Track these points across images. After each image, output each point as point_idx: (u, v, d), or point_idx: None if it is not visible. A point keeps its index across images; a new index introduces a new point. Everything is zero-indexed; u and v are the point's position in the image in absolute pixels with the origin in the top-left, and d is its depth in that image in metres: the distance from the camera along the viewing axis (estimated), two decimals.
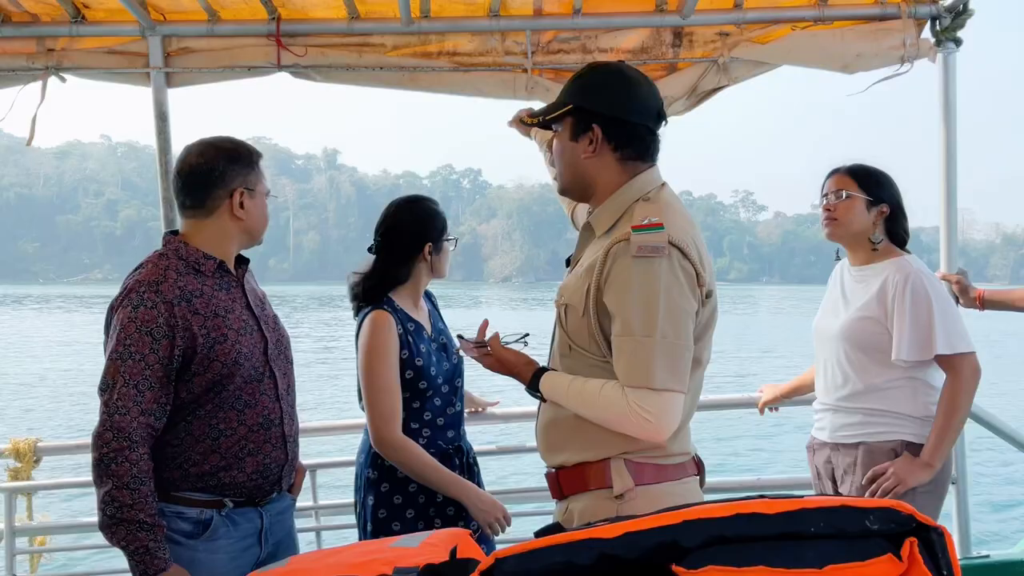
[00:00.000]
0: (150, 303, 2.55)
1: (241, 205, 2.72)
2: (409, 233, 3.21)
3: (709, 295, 2.34)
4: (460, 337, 2.71)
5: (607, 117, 2.39)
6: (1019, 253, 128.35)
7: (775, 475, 4.40)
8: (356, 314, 3.25)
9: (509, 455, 4.30)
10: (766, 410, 4.01)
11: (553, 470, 2.47)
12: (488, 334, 2.65)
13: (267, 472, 2.73)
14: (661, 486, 2.33)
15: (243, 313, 2.74)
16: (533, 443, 4.15)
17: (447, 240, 3.28)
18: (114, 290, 2.69)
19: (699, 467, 2.47)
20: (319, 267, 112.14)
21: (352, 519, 3.72)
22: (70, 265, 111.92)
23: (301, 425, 2.96)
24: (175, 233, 2.76)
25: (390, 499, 3.13)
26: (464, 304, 60.42)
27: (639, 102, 2.41)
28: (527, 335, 2.62)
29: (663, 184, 2.45)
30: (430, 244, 3.21)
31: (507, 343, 2.60)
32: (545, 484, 2.54)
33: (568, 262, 2.62)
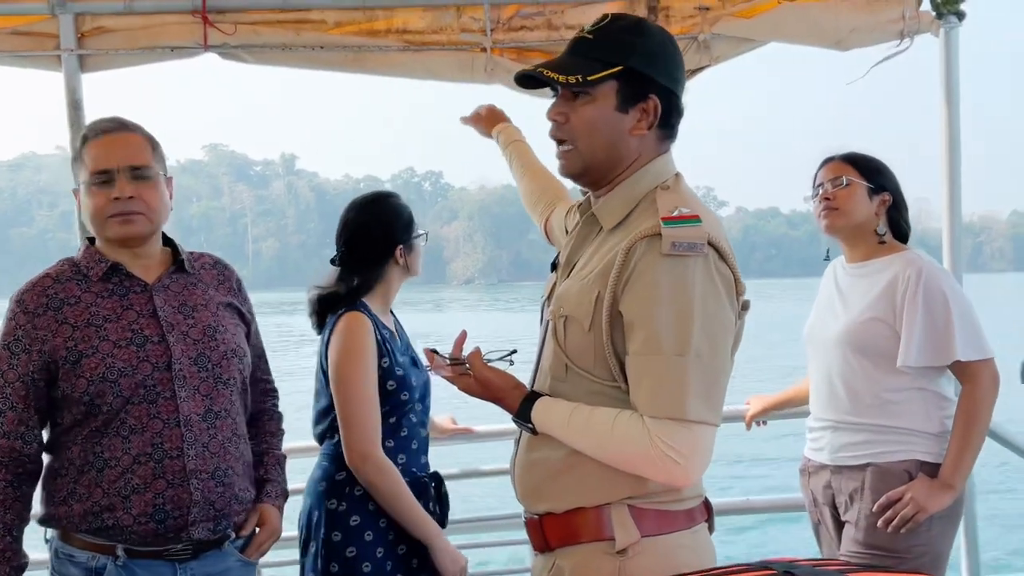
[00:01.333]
0: (11, 315, 2.33)
1: (80, 206, 2.43)
2: (377, 237, 2.87)
3: (745, 307, 1.96)
4: (434, 352, 2.24)
5: (663, 88, 1.98)
6: (976, 241, 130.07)
7: (767, 495, 4.04)
8: (319, 329, 2.89)
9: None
10: (754, 424, 3.65)
11: (536, 517, 2.05)
12: (466, 348, 2.20)
13: (162, 515, 2.28)
14: (670, 536, 1.94)
15: (137, 322, 2.34)
16: (490, 465, 3.87)
17: (417, 237, 2.94)
18: None
19: (708, 511, 2.07)
20: (279, 274, 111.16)
21: (287, 555, 3.32)
22: (25, 279, 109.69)
23: None
24: (93, 240, 2.48)
25: (360, 534, 2.75)
26: (426, 308, 60.04)
27: (684, 73, 2.04)
28: (514, 351, 2.18)
29: (678, 173, 2.05)
30: (401, 246, 2.88)
31: (489, 360, 2.15)
32: (511, 511, 2.15)
33: (554, 265, 2.19)
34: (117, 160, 2.33)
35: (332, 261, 2.94)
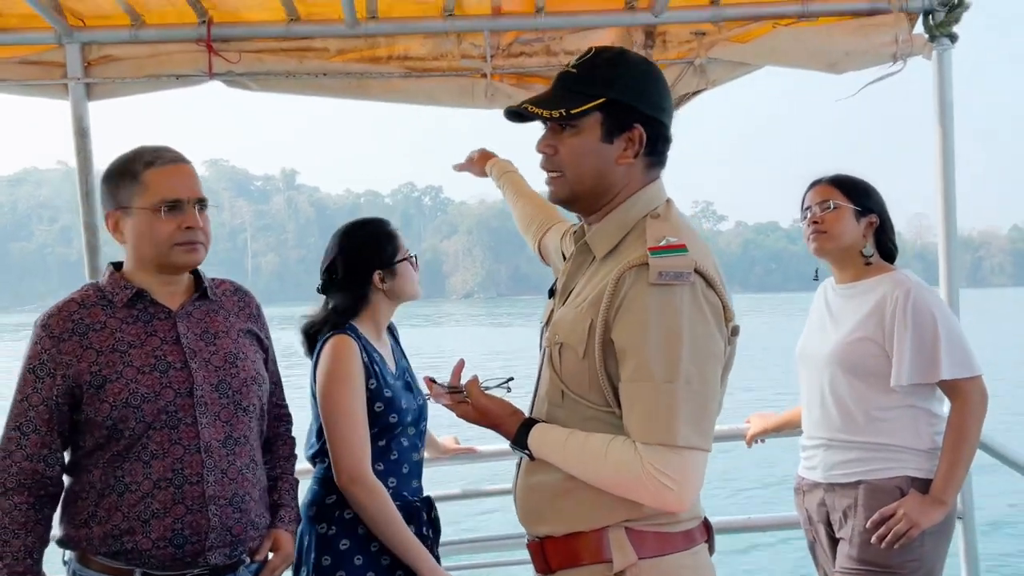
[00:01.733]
0: (36, 339, 2.35)
1: (117, 229, 2.43)
2: (353, 265, 2.89)
3: (735, 332, 1.99)
4: (431, 381, 2.30)
5: (648, 116, 2.01)
6: (975, 256, 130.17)
7: (767, 513, 4.05)
8: (310, 353, 2.91)
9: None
10: (754, 442, 3.68)
11: (537, 539, 2.09)
12: (464, 375, 2.24)
13: (179, 540, 2.31)
14: (669, 558, 1.97)
15: (160, 348, 2.37)
16: (493, 485, 3.90)
17: (400, 261, 2.92)
18: None
19: (708, 531, 2.10)
20: (279, 288, 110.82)
21: None
22: (25, 293, 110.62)
23: None
24: (118, 265, 2.51)
25: (350, 558, 2.76)
26: (426, 322, 59.94)
27: (670, 100, 2.08)
28: (511, 379, 2.24)
29: (669, 199, 2.09)
30: (379, 272, 2.88)
31: (487, 388, 2.19)
32: (513, 531, 2.18)
33: (552, 292, 2.24)
34: (187, 191, 2.38)
35: (318, 290, 2.97)
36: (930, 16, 3.55)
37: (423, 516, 2.88)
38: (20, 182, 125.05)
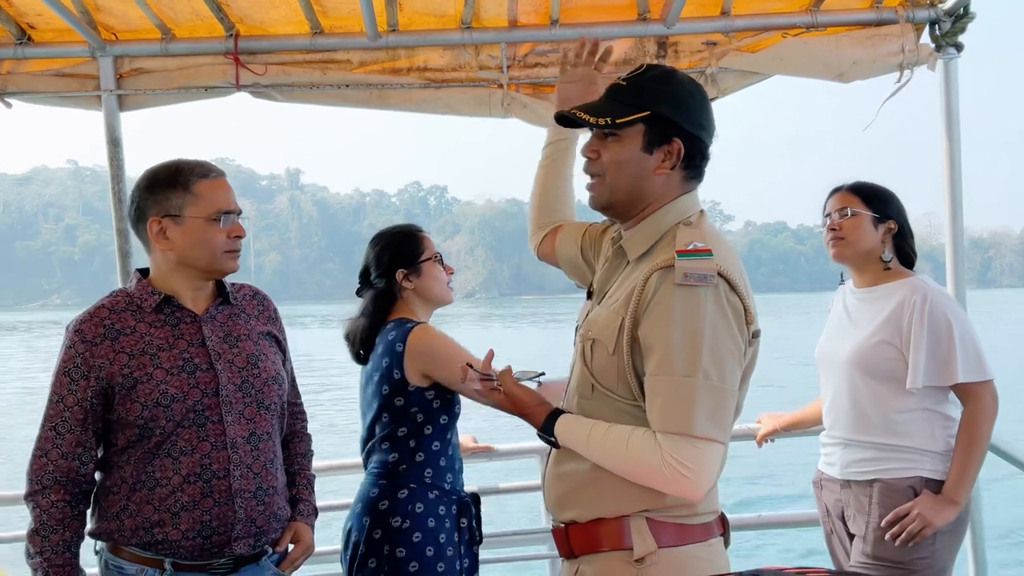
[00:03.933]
0: (70, 343, 2.47)
1: (163, 234, 2.52)
2: (379, 264, 3.05)
3: (756, 335, 2.09)
4: (468, 366, 2.42)
5: (688, 132, 2.14)
6: (986, 256, 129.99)
7: (778, 511, 4.15)
8: (356, 357, 3.07)
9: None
10: (765, 441, 3.78)
11: (562, 525, 2.20)
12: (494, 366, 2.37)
13: (207, 531, 2.45)
14: (686, 548, 2.07)
15: (187, 351, 2.50)
16: (518, 482, 4.00)
17: (424, 261, 3.06)
18: (72, 315, 2.60)
19: (724, 525, 2.21)
20: (281, 287, 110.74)
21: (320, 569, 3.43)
22: (29, 291, 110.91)
23: None
24: (144, 272, 2.62)
25: (423, 550, 2.88)
26: (433, 320, 59.81)
27: (711, 119, 2.20)
28: (542, 374, 2.38)
29: (702, 210, 2.21)
30: (402, 271, 3.02)
31: (519, 380, 2.32)
32: (532, 526, 2.29)
33: (589, 294, 2.36)
34: (234, 203, 2.57)
35: (357, 292, 3.12)
36: (936, 26, 3.64)
37: (472, 511, 3.00)
38: (28, 181, 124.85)
